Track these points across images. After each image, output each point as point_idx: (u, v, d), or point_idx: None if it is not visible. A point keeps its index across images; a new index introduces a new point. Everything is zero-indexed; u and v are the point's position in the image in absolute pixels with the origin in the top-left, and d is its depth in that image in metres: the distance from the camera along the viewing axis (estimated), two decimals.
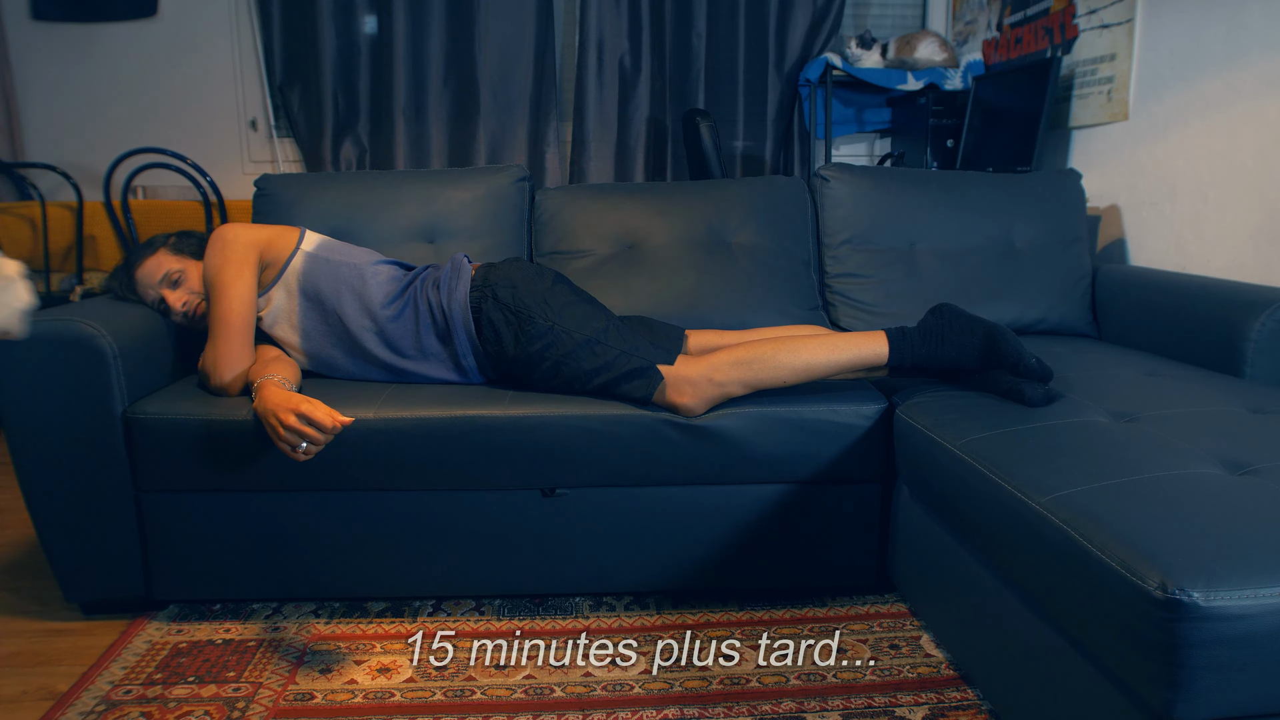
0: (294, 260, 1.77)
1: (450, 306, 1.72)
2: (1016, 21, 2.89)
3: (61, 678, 1.51)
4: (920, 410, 1.54)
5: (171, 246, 1.80)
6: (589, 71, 3.29)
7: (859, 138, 3.63)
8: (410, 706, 1.41)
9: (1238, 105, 1.95)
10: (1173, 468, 1.15)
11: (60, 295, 2.80)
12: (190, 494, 1.63)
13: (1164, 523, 1.00)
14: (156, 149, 2.72)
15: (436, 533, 1.66)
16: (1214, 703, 0.91)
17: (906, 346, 1.62)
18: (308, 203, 2.12)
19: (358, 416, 1.59)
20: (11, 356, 1.55)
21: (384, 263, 1.84)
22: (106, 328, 1.58)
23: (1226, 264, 2.00)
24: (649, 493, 1.67)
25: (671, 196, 2.19)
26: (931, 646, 1.59)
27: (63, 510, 1.62)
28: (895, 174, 2.24)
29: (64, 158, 3.39)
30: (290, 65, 3.32)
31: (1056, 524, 1.08)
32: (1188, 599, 0.88)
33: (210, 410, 1.59)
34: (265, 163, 3.49)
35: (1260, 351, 1.68)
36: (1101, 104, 2.41)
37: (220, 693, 1.45)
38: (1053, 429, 1.34)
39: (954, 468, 1.36)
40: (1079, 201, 2.22)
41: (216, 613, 1.72)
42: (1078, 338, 2.11)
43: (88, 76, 3.39)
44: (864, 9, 3.56)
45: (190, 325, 1.79)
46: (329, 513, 1.65)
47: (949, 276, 2.12)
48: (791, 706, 1.41)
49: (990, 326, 1.57)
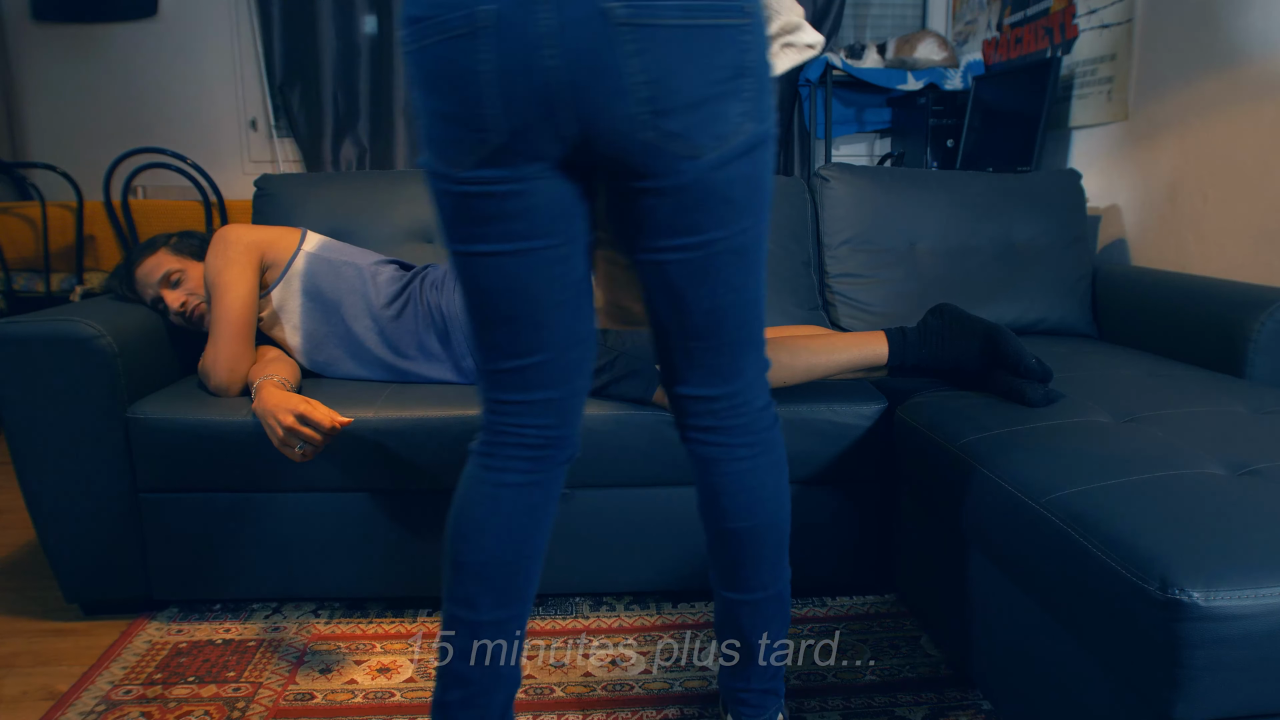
0: (296, 261, 1.77)
1: (449, 308, 1.72)
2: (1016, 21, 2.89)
3: (61, 678, 1.51)
4: (920, 410, 1.54)
5: (172, 247, 1.80)
6: None
7: (859, 138, 3.63)
8: (410, 706, 1.41)
9: (1238, 105, 1.95)
10: (1173, 468, 1.15)
11: (60, 295, 2.80)
12: (190, 494, 1.63)
13: (1164, 523, 1.00)
14: (156, 149, 2.71)
15: (437, 533, 1.66)
16: (1214, 703, 0.91)
17: (906, 347, 1.62)
18: (308, 203, 2.12)
19: (358, 416, 1.59)
20: (11, 356, 1.55)
21: (384, 263, 1.84)
22: (106, 328, 1.58)
23: (1226, 264, 2.00)
24: (649, 493, 1.67)
25: None
26: (931, 646, 1.59)
27: (63, 510, 1.62)
28: (895, 174, 2.24)
29: (64, 158, 3.39)
30: (290, 65, 3.32)
31: (1056, 524, 1.08)
32: (1188, 599, 0.88)
33: (210, 410, 1.59)
34: (265, 163, 3.49)
35: (1261, 351, 1.68)
36: (1101, 104, 2.41)
37: (220, 693, 1.45)
38: (1053, 429, 1.34)
39: (954, 468, 1.36)
40: (1079, 201, 2.22)
41: (216, 613, 1.72)
42: (1078, 338, 2.11)
43: (88, 76, 3.40)
44: (864, 9, 3.56)
45: (189, 326, 1.79)
46: (329, 513, 1.65)
47: (949, 276, 2.12)
48: (791, 706, 1.41)
49: (990, 327, 1.57)
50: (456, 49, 0.87)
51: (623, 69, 0.86)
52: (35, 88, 3.40)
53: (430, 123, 0.93)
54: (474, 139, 0.90)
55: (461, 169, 0.92)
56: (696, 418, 1.10)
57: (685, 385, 1.09)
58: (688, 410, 1.10)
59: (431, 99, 0.91)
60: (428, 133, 0.94)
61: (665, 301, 1.03)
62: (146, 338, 1.70)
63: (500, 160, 0.91)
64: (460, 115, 0.90)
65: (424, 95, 0.92)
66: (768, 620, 1.15)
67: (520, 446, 1.06)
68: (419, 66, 0.91)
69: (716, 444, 1.09)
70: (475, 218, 0.96)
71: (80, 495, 1.62)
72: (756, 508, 1.10)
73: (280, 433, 1.47)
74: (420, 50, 0.90)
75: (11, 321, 1.55)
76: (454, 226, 0.97)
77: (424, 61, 0.90)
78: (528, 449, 1.06)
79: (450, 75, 0.88)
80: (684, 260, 0.98)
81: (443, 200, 0.97)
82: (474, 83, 0.87)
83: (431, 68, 0.90)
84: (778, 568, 1.13)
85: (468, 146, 0.91)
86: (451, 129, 0.91)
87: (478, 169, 0.92)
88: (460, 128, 0.90)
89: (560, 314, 1.01)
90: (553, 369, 1.04)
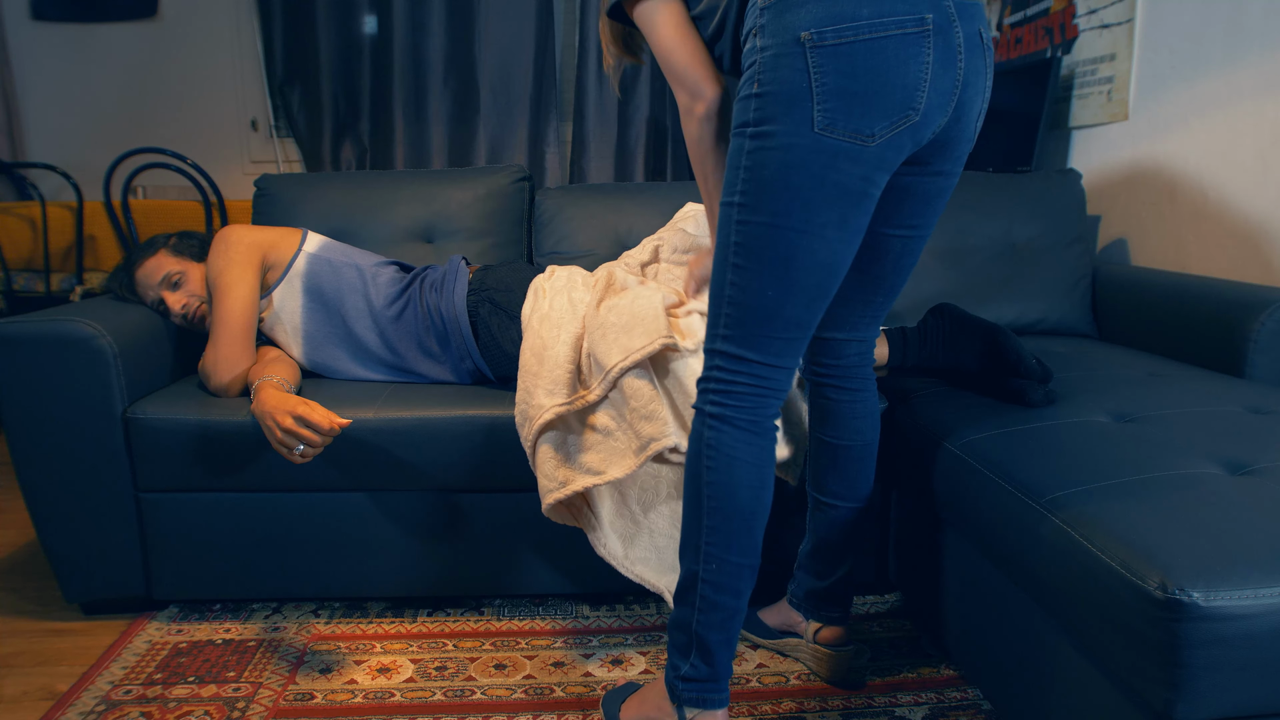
0: (297, 262, 1.77)
1: (447, 309, 1.72)
2: (1016, 21, 2.89)
3: (61, 678, 1.51)
4: (920, 410, 1.54)
5: (172, 248, 1.80)
6: (589, 71, 3.29)
7: None
8: (410, 706, 1.41)
9: (1238, 105, 1.95)
10: (1173, 468, 1.15)
11: (60, 295, 2.80)
12: (190, 494, 1.63)
13: (1164, 523, 1.00)
14: (156, 149, 2.72)
15: (436, 533, 1.66)
16: (1214, 703, 0.91)
17: (907, 347, 1.62)
18: (308, 203, 2.12)
19: (358, 417, 1.59)
20: (11, 356, 1.55)
21: (385, 264, 1.84)
22: (106, 328, 1.58)
23: (1226, 264, 2.00)
24: None
25: (672, 197, 2.19)
26: (931, 646, 1.59)
27: (63, 510, 1.62)
28: None
29: (64, 158, 3.39)
30: (290, 65, 3.32)
31: (1056, 524, 1.08)
32: (1188, 599, 0.88)
33: (210, 411, 1.59)
34: (265, 163, 3.49)
35: (1260, 351, 1.68)
36: (1101, 104, 2.41)
37: (220, 693, 1.45)
38: (1053, 429, 1.34)
39: (954, 468, 1.36)
40: (1079, 201, 2.22)
41: (216, 613, 1.72)
42: (1078, 338, 2.11)
43: (88, 76, 3.40)
44: None
45: (189, 327, 1.79)
46: (329, 513, 1.65)
47: (949, 276, 2.12)
48: (791, 706, 1.41)
49: (990, 327, 1.57)
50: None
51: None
52: (35, 88, 3.40)
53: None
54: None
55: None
56: (836, 356, 1.38)
57: (834, 331, 1.36)
58: (830, 351, 1.38)
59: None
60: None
61: (892, 268, 1.29)
62: (146, 338, 1.70)
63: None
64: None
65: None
66: (850, 528, 1.43)
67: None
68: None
69: (860, 373, 1.39)
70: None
71: (80, 495, 1.62)
72: (868, 430, 1.40)
73: (279, 434, 1.46)
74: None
75: (11, 321, 1.55)
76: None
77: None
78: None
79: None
80: (922, 236, 1.27)
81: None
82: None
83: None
84: (867, 484, 1.43)
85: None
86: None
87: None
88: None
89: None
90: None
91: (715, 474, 1.16)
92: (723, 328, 1.16)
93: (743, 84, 1.12)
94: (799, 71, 1.05)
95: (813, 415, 1.41)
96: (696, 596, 1.18)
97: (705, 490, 1.17)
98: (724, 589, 1.17)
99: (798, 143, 1.06)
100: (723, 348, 1.17)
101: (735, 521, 1.16)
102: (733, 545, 1.17)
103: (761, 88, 1.08)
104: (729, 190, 1.13)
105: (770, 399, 1.18)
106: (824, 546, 1.44)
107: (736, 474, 1.16)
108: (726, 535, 1.16)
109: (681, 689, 1.21)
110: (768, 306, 1.13)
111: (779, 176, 1.08)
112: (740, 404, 1.16)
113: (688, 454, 1.21)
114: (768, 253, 1.11)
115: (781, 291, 1.12)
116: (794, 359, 1.18)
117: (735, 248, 1.12)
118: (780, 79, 1.06)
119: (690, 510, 1.19)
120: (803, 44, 1.05)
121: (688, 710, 1.21)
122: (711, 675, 1.20)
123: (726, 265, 1.14)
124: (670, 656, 1.24)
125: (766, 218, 1.09)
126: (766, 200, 1.09)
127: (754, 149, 1.09)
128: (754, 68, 1.09)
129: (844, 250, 1.12)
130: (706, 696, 1.20)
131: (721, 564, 1.17)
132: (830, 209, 1.08)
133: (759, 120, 1.09)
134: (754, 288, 1.13)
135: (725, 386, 1.17)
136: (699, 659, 1.20)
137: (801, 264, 1.11)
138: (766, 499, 1.18)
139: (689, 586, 1.19)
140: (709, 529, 1.17)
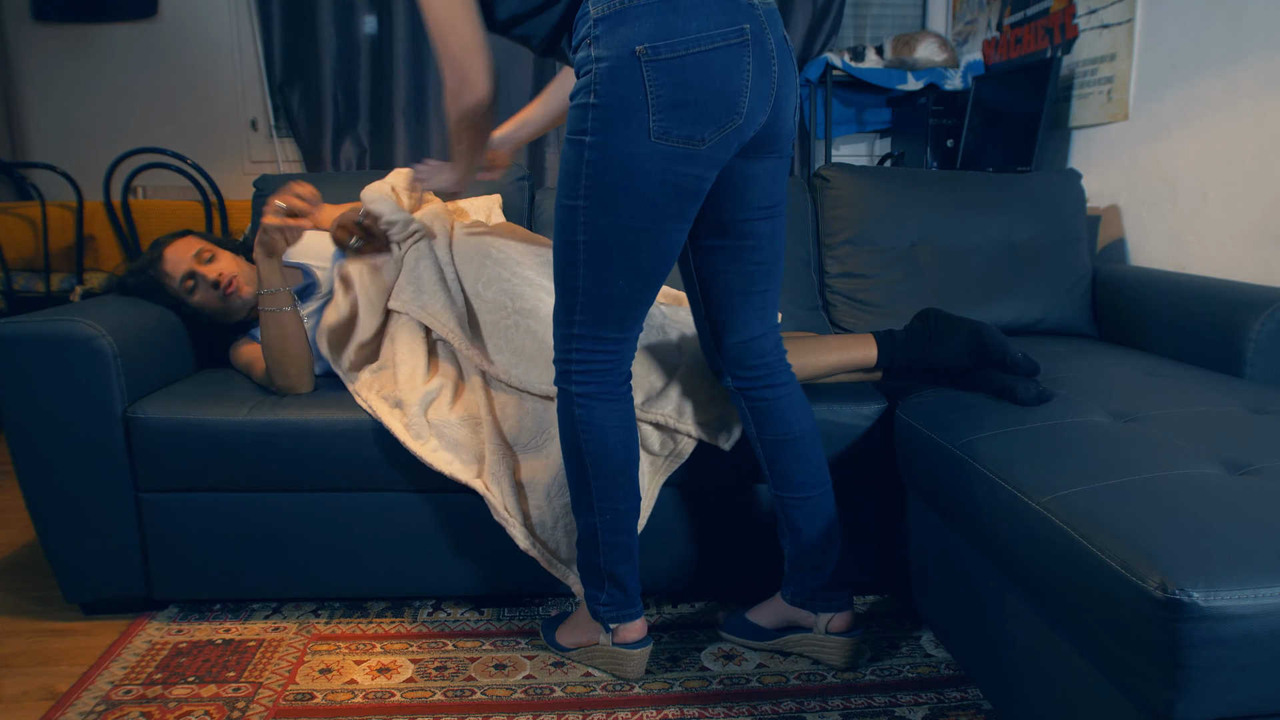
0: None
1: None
2: (1016, 21, 2.89)
3: (61, 678, 1.51)
4: (920, 410, 1.54)
5: (199, 234, 1.84)
6: None
7: (859, 138, 3.63)
8: (410, 706, 1.41)
9: (1238, 105, 1.95)
10: (1173, 468, 1.15)
11: (60, 295, 2.80)
12: (190, 494, 1.63)
13: (1164, 523, 1.00)
14: (156, 149, 2.72)
15: (437, 533, 1.66)
16: (1214, 703, 0.91)
17: (895, 349, 1.63)
18: None
19: (357, 417, 1.59)
20: (11, 356, 1.55)
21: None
22: (106, 328, 1.58)
23: (1226, 264, 2.00)
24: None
25: None
26: (931, 646, 1.59)
27: (63, 510, 1.62)
28: (895, 174, 2.24)
29: (64, 158, 3.39)
30: (290, 65, 3.32)
31: (1056, 524, 1.08)
32: (1188, 599, 0.88)
33: (210, 410, 1.60)
34: (265, 163, 3.49)
35: (1260, 351, 1.68)
36: (1101, 104, 2.41)
37: (220, 693, 1.45)
38: (1053, 429, 1.34)
39: (954, 468, 1.36)
40: (1079, 201, 2.21)
41: (216, 613, 1.72)
42: (1077, 338, 2.10)
43: (88, 77, 3.40)
44: (864, 9, 3.56)
45: (216, 310, 1.79)
46: (329, 513, 1.65)
47: (949, 276, 2.12)
48: (791, 706, 1.41)
49: (974, 324, 1.58)
50: None
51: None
52: (35, 88, 3.40)
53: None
54: None
55: None
56: (756, 356, 1.44)
57: (743, 332, 1.42)
58: (749, 353, 1.44)
59: None
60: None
61: (767, 247, 1.37)
62: (146, 338, 1.70)
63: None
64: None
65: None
66: (830, 512, 1.48)
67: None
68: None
69: (780, 365, 1.46)
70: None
71: (80, 495, 1.62)
72: (808, 415, 1.47)
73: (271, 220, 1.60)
74: None
75: (11, 321, 1.55)
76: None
77: None
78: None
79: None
80: (781, 211, 1.38)
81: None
82: None
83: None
84: (825, 467, 1.49)
85: None
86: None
87: None
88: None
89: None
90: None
91: (592, 444, 1.35)
92: (579, 313, 1.30)
93: (577, 91, 1.19)
94: (635, 85, 1.14)
95: (755, 422, 1.47)
96: (599, 543, 1.40)
97: (587, 460, 1.36)
98: (620, 530, 1.40)
99: (636, 151, 1.17)
100: (580, 331, 1.32)
101: (617, 477, 1.37)
102: (619, 495, 1.38)
103: (599, 99, 1.16)
104: (569, 194, 1.23)
105: (623, 365, 1.36)
106: (813, 539, 1.48)
107: (610, 439, 1.35)
108: (613, 489, 1.37)
109: (603, 612, 1.45)
110: (621, 293, 1.28)
111: (622, 183, 1.19)
112: (602, 379, 1.34)
113: (560, 428, 1.38)
114: (617, 249, 1.24)
115: (631, 279, 1.27)
116: (639, 326, 1.36)
117: (585, 245, 1.25)
118: (616, 93, 1.15)
119: (575, 475, 1.39)
120: (638, 57, 1.14)
121: (612, 625, 1.45)
122: (625, 598, 1.44)
123: (576, 261, 1.27)
124: (588, 589, 1.46)
125: (614, 219, 1.22)
126: (612, 204, 1.21)
127: (594, 159, 1.19)
128: (589, 77, 1.17)
129: (681, 237, 1.28)
130: (624, 613, 1.45)
131: (614, 513, 1.39)
132: (671, 206, 1.22)
133: (597, 129, 1.18)
134: (606, 278, 1.27)
135: (586, 365, 1.33)
136: (613, 587, 1.43)
137: (649, 255, 1.26)
138: (635, 449, 1.39)
139: (590, 536, 1.41)
140: (597, 489, 1.37)
